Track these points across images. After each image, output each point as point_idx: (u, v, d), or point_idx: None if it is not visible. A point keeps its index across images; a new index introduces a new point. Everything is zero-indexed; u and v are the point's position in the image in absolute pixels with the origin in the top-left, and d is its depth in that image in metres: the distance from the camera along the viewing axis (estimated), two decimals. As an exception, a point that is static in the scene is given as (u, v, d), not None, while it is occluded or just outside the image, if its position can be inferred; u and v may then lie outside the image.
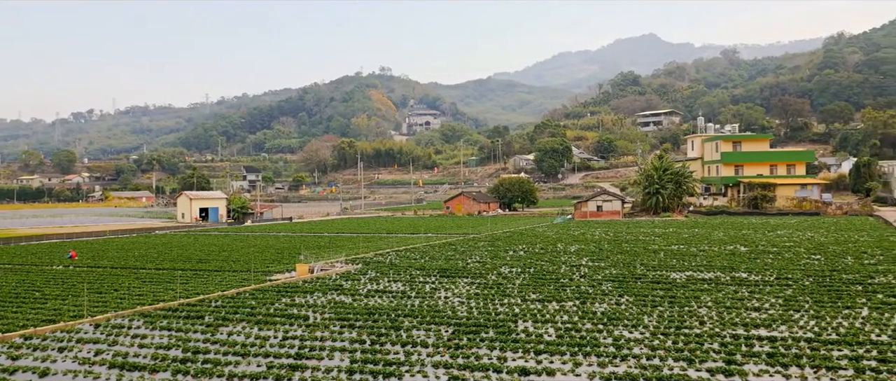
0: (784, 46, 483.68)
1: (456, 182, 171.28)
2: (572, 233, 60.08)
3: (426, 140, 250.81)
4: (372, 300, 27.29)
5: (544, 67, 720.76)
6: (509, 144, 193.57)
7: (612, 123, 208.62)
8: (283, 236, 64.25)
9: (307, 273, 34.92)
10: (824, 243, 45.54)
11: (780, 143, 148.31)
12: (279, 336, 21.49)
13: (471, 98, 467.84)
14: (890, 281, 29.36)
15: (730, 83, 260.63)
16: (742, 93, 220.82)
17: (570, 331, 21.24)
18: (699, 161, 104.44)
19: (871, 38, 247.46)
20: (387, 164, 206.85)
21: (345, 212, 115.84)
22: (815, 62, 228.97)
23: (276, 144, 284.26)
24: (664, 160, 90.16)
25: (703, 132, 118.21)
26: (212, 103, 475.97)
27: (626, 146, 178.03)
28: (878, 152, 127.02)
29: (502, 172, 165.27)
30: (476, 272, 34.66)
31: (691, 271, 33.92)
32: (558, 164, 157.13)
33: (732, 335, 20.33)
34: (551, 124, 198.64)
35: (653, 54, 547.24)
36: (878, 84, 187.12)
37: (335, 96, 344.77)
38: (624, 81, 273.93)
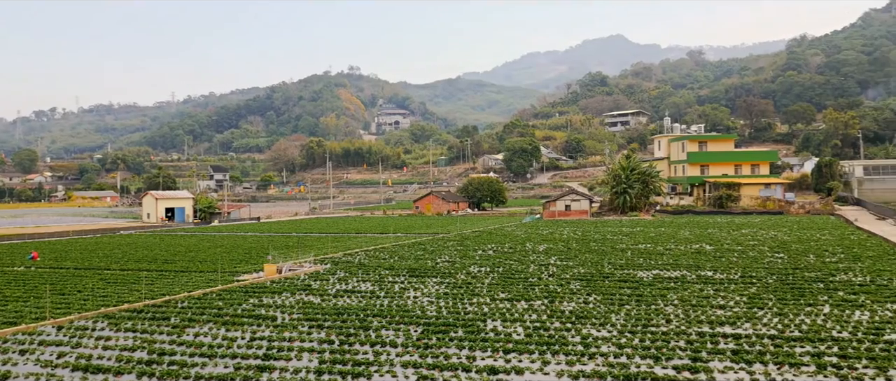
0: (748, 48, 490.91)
1: (425, 182, 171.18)
2: (541, 232, 60.40)
3: (395, 140, 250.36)
4: (341, 301, 27.18)
5: (513, 66, 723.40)
6: (478, 144, 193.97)
7: (581, 123, 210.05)
8: (250, 236, 63.70)
9: (275, 273, 34.66)
10: (787, 242, 46.33)
11: (745, 143, 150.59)
12: (247, 337, 21.31)
13: (440, 98, 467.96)
14: (850, 279, 29.97)
15: (696, 84, 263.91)
16: (708, 93, 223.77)
17: (538, 330, 21.36)
18: (666, 161, 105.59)
19: (832, 41, 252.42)
20: (356, 163, 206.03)
21: (313, 212, 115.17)
22: (779, 64, 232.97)
23: (244, 143, 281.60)
24: (631, 160, 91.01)
25: (670, 132, 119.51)
26: (178, 102, 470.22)
27: (594, 146, 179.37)
28: (839, 153, 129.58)
29: (471, 171, 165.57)
30: (445, 272, 34.69)
31: (658, 269, 34.29)
32: (527, 163, 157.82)
33: (698, 333, 20.60)
34: (520, 124, 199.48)
35: (620, 55, 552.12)
36: (839, 85, 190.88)
37: (303, 95, 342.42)
38: (592, 82, 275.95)
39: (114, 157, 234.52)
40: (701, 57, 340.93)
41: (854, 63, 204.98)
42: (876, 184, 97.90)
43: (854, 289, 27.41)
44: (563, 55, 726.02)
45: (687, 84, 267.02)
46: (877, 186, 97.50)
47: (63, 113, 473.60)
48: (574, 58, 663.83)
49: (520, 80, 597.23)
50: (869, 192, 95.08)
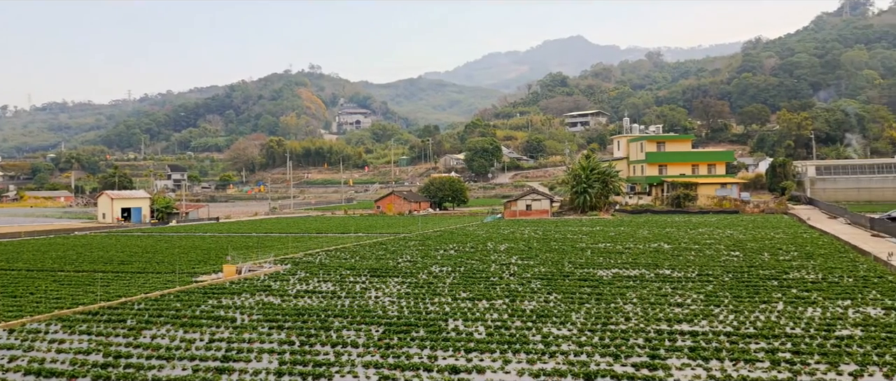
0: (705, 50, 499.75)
1: (387, 181, 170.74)
2: (502, 232, 60.68)
3: (357, 139, 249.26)
4: (301, 301, 26.98)
5: (474, 67, 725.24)
6: (440, 144, 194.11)
7: (541, 123, 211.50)
8: (209, 236, 62.87)
9: (234, 274, 34.27)
10: (743, 241, 47.22)
11: (702, 143, 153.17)
12: (205, 339, 21.03)
13: (401, 97, 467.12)
14: (803, 276, 30.67)
15: (654, 85, 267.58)
16: (665, 94, 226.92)
17: (499, 329, 21.46)
18: (625, 161, 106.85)
19: (786, 43, 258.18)
20: (317, 163, 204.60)
21: (274, 212, 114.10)
22: (734, 66, 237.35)
23: (203, 142, 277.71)
24: (591, 160, 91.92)
25: (629, 133, 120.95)
26: (134, 100, 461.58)
27: (554, 146, 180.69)
28: (792, 153, 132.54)
29: (433, 171, 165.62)
30: (407, 272, 34.65)
31: (617, 268, 34.69)
32: (488, 163, 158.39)
33: (656, 331, 20.90)
34: (481, 124, 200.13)
35: (580, 56, 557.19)
36: (792, 87, 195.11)
37: (263, 94, 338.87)
38: (552, 82, 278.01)
39: (68, 156, 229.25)
40: (659, 58, 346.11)
41: (807, 65, 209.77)
42: (827, 184, 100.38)
43: (807, 286, 28.05)
44: (523, 55, 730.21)
45: (645, 85, 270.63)
46: (828, 185, 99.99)
47: (15, 111, 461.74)
48: (535, 58, 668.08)
49: (481, 80, 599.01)
50: (821, 191, 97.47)
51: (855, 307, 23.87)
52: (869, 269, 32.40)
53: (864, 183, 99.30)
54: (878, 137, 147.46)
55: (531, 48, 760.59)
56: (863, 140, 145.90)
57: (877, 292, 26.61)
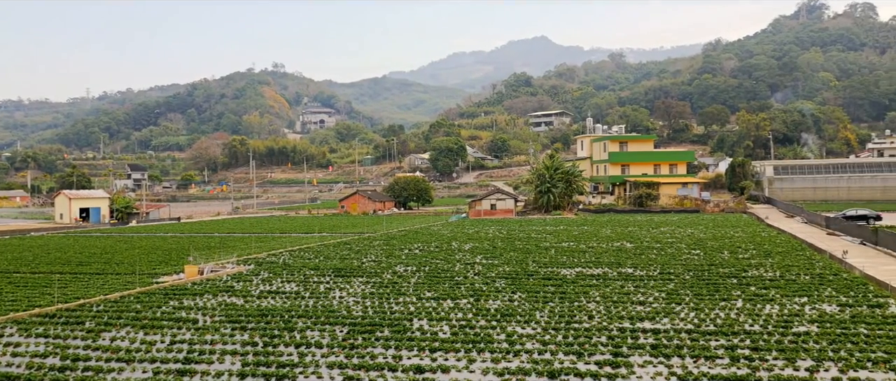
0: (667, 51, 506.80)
1: (351, 181, 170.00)
2: (467, 231, 60.80)
3: (321, 139, 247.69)
4: (264, 302, 26.75)
5: (439, 66, 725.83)
6: (405, 143, 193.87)
7: (506, 123, 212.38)
8: (170, 236, 61.97)
9: (196, 275, 33.83)
10: (703, 239, 47.94)
11: (664, 143, 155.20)
12: (166, 341, 20.75)
13: (366, 96, 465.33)
14: (761, 274, 31.25)
15: (617, 86, 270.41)
16: (628, 95, 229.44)
17: (464, 328, 21.51)
18: (588, 161, 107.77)
19: (744, 46, 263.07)
20: (280, 162, 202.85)
21: (236, 211, 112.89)
22: (695, 67, 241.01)
23: (164, 141, 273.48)
24: (555, 160, 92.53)
25: (592, 133, 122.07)
26: (93, 98, 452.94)
27: (518, 146, 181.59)
28: (751, 153, 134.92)
29: (398, 171, 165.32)
30: (371, 271, 34.55)
31: (581, 267, 34.98)
32: (453, 163, 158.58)
33: (619, 329, 21.13)
34: (446, 124, 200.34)
35: (544, 56, 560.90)
36: (751, 89, 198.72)
37: (226, 93, 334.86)
38: (517, 82, 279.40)
39: (24, 155, 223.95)
40: (622, 59, 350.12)
41: (765, 67, 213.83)
42: (785, 183, 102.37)
43: (765, 284, 28.59)
44: (488, 55, 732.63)
45: (608, 86, 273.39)
46: (786, 185, 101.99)
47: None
48: (499, 58, 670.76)
49: (446, 79, 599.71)
50: (779, 191, 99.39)
51: (811, 304, 24.40)
52: (824, 267, 33.14)
53: (820, 183, 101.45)
54: (834, 138, 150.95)
55: (496, 48, 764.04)
56: (819, 141, 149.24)
57: (832, 289, 27.23)
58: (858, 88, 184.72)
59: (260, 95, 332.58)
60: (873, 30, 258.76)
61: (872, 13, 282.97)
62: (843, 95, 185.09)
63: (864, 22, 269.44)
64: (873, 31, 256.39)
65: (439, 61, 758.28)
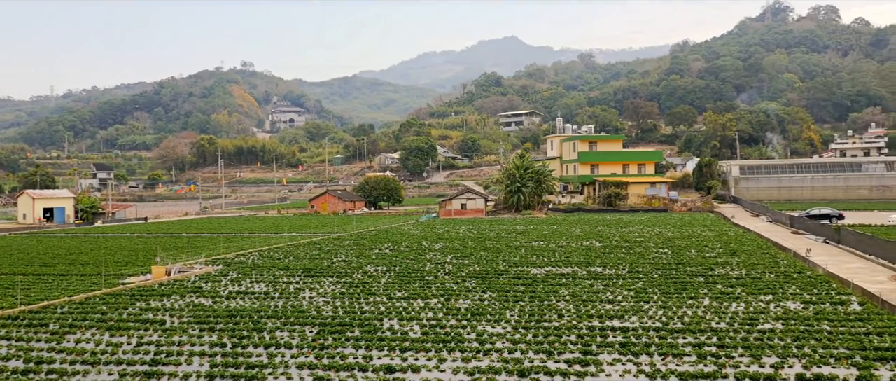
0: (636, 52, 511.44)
1: (321, 181, 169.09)
2: (437, 231, 60.82)
3: (290, 138, 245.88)
4: (233, 302, 26.52)
5: (409, 66, 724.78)
6: (375, 143, 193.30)
7: (476, 123, 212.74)
8: (137, 236, 61.16)
9: (164, 276, 33.43)
10: (671, 238, 48.48)
11: (632, 143, 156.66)
12: (133, 343, 20.47)
13: (336, 96, 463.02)
14: (728, 273, 31.70)
15: (586, 86, 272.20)
16: (597, 95, 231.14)
17: (434, 328, 21.52)
18: (558, 160, 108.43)
19: (711, 47, 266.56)
20: (249, 162, 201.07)
21: (205, 211, 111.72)
22: (663, 68, 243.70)
23: (130, 140, 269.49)
24: (525, 159, 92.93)
25: (562, 132, 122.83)
26: (57, 96, 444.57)
27: (489, 145, 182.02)
28: (717, 153, 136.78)
29: (368, 170, 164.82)
30: (341, 271, 34.42)
31: (551, 266, 35.18)
32: (423, 162, 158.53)
33: (588, 327, 21.29)
34: (416, 123, 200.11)
35: (515, 56, 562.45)
36: (717, 89, 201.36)
37: (194, 91, 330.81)
38: (487, 82, 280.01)
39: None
40: (591, 60, 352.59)
41: (731, 68, 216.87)
42: (751, 183, 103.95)
43: (731, 282, 29.00)
44: (459, 55, 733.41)
45: (578, 86, 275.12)
46: (751, 184, 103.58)
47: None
48: (470, 58, 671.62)
49: (416, 79, 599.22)
50: (744, 190, 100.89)
51: (776, 302, 24.80)
52: (789, 265, 33.71)
53: (784, 182, 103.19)
54: (798, 138, 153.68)
55: (466, 48, 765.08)
56: (783, 141, 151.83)
57: (796, 286, 27.71)
58: (822, 90, 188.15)
59: (229, 93, 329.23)
60: (836, 32, 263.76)
61: (835, 16, 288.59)
62: (806, 96, 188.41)
63: (827, 24, 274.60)
64: (836, 34, 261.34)
65: (410, 61, 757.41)
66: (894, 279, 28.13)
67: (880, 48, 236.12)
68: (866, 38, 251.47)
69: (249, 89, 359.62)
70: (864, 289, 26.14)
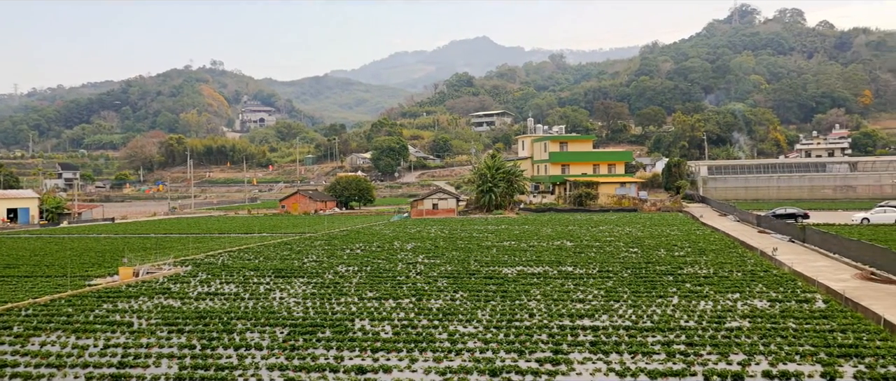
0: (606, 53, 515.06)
1: (292, 180, 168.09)
2: (409, 231, 60.77)
3: (261, 137, 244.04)
4: (203, 304, 26.26)
5: (381, 65, 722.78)
6: (346, 143, 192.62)
7: (448, 123, 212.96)
8: (104, 237, 60.28)
9: (131, 277, 33.00)
10: (641, 238, 48.92)
11: (603, 143, 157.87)
12: (100, 345, 20.19)
13: (307, 95, 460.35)
14: (696, 271, 32.07)
15: (557, 86, 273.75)
16: (568, 96, 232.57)
17: (406, 328, 21.51)
18: (529, 160, 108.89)
19: (680, 48, 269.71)
20: (219, 161, 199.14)
21: (173, 212, 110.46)
22: (633, 69, 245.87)
23: (97, 139, 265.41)
24: (497, 159, 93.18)
25: (533, 133, 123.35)
26: (21, 95, 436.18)
27: (460, 146, 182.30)
28: (686, 153, 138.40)
29: (339, 170, 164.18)
30: (312, 272, 34.25)
31: (522, 266, 35.32)
32: (395, 162, 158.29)
33: (559, 326, 21.41)
34: (388, 123, 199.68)
35: (486, 56, 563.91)
36: (686, 90, 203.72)
37: (162, 90, 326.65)
38: (459, 82, 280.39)
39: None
40: (562, 60, 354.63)
41: (699, 70, 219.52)
42: (718, 183, 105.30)
43: (699, 281, 29.35)
44: (430, 55, 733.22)
45: (549, 86, 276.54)
46: (719, 184, 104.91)
47: None
48: (441, 58, 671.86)
49: (388, 79, 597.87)
50: (712, 190, 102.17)
51: (743, 300, 25.16)
52: (756, 263, 34.21)
53: (751, 182, 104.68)
54: (764, 139, 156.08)
55: (438, 48, 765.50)
56: (750, 141, 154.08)
57: (763, 285, 28.14)
58: (787, 91, 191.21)
59: (198, 92, 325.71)
60: (801, 35, 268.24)
61: (800, 18, 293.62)
62: (773, 97, 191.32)
63: (792, 27, 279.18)
64: (801, 36, 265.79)
65: (381, 61, 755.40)
66: (858, 277, 28.69)
67: (844, 51, 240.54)
68: (830, 40, 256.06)
69: (219, 88, 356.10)
70: (829, 287, 26.62)
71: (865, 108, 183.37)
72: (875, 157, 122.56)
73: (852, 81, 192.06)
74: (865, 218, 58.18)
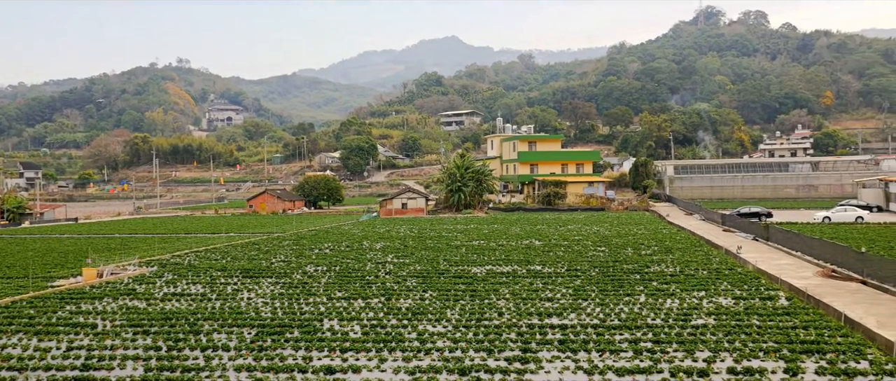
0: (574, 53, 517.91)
1: (260, 180, 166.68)
2: (378, 230, 60.63)
3: (228, 136, 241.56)
4: (169, 304, 25.95)
5: (350, 64, 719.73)
6: (315, 142, 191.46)
7: (417, 123, 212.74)
8: (67, 238, 59.24)
9: (95, 278, 32.47)
10: (608, 237, 49.35)
11: (571, 143, 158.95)
12: (63, 347, 19.84)
13: (275, 94, 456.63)
14: (663, 270, 32.45)
15: (526, 86, 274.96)
16: (537, 96, 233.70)
17: (375, 328, 21.47)
18: (498, 160, 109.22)
19: (647, 49, 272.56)
20: (185, 161, 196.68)
21: (139, 211, 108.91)
22: (601, 69, 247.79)
23: (60, 138, 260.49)
24: (466, 159, 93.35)
25: (502, 132, 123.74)
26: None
27: (430, 145, 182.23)
28: (653, 153, 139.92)
29: (308, 169, 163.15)
30: (281, 272, 34.01)
31: (491, 265, 35.44)
32: (364, 162, 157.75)
33: (528, 325, 21.53)
34: (357, 122, 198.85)
35: (455, 56, 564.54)
36: (653, 91, 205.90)
37: (127, 88, 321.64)
38: (428, 82, 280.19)
39: None
40: (531, 61, 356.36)
41: (666, 70, 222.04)
42: (685, 182, 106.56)
43: (666, 279, 29.70)
44: (399, 55, 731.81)
45: (518, 86, 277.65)
46: (685, 183, 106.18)
47: None
48: (411, 57, 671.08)
49: (357, 78, 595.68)
50: (679, 190, 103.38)
51: (708, 298, 25.52)
52: (721, 262, 34.72)
53: (716, 182, 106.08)
54: (729, 139, 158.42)
55: (407, 47, 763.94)
56: (715, 141, 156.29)
57: (727, 283, 28.56)
58: (751, 92, 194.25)
59: (164, 91, 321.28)
60: (765, 37, 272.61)
61: (764, 21, 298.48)
62: (737, 98, 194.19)
63: (756, 29, 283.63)
64: (765, 38, 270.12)
65: (350, 60, 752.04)
66: (819, 275, 29.26)
67: (806, 52, 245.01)
68: (793, 42, 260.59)
69: (185, 87, 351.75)
70: (792, 285, 27.12)
71: (827, 109, 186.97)
72: (836, 157, 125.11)
73: (814, 83, 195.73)
74: (826, 217, 59.32)
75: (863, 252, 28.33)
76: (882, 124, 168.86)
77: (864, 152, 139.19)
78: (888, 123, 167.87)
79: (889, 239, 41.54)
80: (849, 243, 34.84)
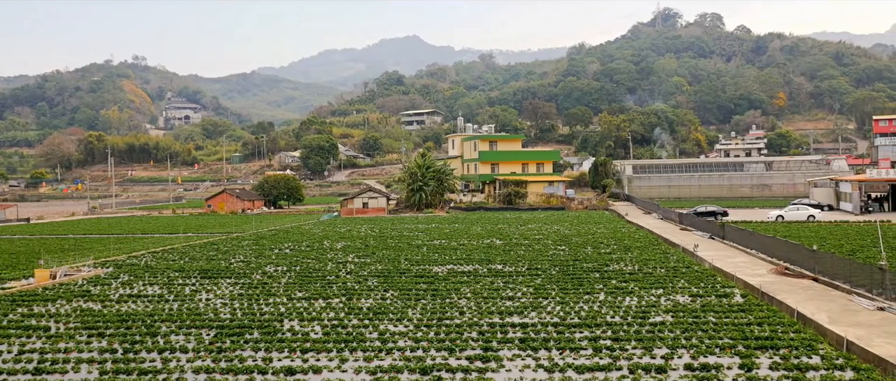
0: (534, 54, 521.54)
1: (218, 179, 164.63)
2: (339, 230, 60.29)
3: (186, 135, 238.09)
4: (125, 306, 25.49)
5: (310, 63, 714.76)
6: (275, 141, 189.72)
7: (378, 122, 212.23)
8: (18, 238, 57.81)
9: (48, 280, 31.75)
10: (568, 236, 49.75)
11: (531, 143, 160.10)
12: (14, 351, 19.37)
13: (234, 92, 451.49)
14: (622, 268, 32.83)
15: (486, 86, 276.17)
16: (497, 95, 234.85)
17: (336, 328, 21.37)
18: (459, 159, 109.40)
19: (606, 50, 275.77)
20: (142, 160, 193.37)
21: (93, 211, 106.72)
22: (561, 70, 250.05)
23: (10, 136, 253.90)
24: (427, 158, 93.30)
25: (463, 132, 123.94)
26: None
27: (391, 144, 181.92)
28: (612, 153, 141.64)
29: (268, 169, 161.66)
30: (240, 272, 33.64)
31: (452, 264, 35.49)
32: (325, 161, 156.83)
33: (489, 324, 21.62)
34: (318, 121, 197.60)
35: (416, 55, 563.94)
36: (612, 91, 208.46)
37: (81, 86, 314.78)
38: (389, 81, 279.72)
39: None
40: (492, 60, 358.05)
41: (624, 71, 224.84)
42: (643, 182, 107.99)
43: (625, 277, 30.07)
44: (360, 53, 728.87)
45: (479, 86, 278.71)
46: (643, 183, 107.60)
47: None
48: (372, 56, 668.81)
49: (317, 76, 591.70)
50: (637, 189, 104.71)
51: (666, 296, 25.90)
52: (678, 260, 35.26)
53: (674, 181, 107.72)
54: (686, 139, 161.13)
55: (368, 46, 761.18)
56: (672, 141, 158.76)
57: (685, 281, 29.02)
58: (708, 93, 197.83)
59: (119, 88, 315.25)
60: (721, 39, 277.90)
61: (719, 23, 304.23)
62: (694, 98, 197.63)
63: (712, 31, 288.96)
64: (721, 40, 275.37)
65: (310, 58, 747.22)
66: (773, 273, 29.89)
67: (760, 54, 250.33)
68: (748, 44, 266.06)
69: (142, 84, 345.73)
70: (746, 282, 27.67)
71: (780, 109, 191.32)
72: (789, 157, 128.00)
73: (768, 84, 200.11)
74: (780, 215, 60.59)
75: (814, 250, 29.03)
76: (832, 125, 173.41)
77: (815, 153, 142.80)
78: (838, 124, 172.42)
79: (839, 237, 42.62)
80: (801, 241, 35.64)
